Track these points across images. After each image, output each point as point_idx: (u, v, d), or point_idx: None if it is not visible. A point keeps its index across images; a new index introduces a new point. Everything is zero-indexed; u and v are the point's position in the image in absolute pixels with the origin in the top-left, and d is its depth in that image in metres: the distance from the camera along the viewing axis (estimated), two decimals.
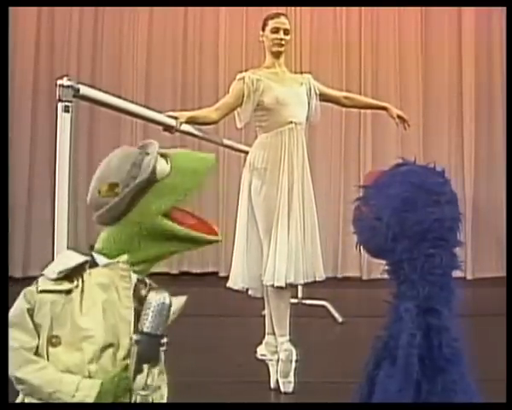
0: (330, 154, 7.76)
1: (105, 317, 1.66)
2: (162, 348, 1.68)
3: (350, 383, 1.92)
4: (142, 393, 1.64)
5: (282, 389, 3.43)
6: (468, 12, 7.72)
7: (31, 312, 1.66)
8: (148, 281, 1.77)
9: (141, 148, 1.84)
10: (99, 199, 1.75)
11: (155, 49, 7.74)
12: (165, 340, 1.67)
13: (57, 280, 1.68)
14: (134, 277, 1.73)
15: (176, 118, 3.27)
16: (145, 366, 1.64)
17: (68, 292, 1.67)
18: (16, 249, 7.06)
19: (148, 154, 1.79)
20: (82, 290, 1.68)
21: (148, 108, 3.41)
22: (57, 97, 2.40)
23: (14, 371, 1.62)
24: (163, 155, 1.80)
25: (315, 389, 3.44)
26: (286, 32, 3.66)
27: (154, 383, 1.69)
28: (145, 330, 1.64)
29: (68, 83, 2.41)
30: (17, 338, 1.64)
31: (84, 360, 1.62)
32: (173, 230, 1.75)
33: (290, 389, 3.42)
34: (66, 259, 1.74)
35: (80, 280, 1.69)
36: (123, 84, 7.62)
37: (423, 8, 7.76)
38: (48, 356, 1.64)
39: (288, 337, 3.51)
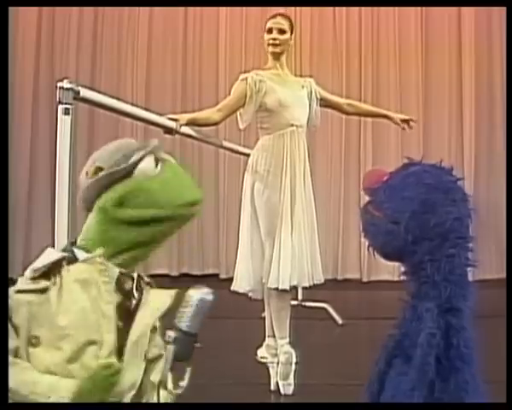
0: (331, 157, 7.75)
1: (86, 314, 1.59)
2: (197, 345, 1.63)
3: (350, 385, 1.93)
4: (174, 392, 1.62)
5: (281, 391, 3.43)
6: (468, 12, 7.72)
7: (9, 313, 1.59)
8: (135, 274, 1.70)
9: (143, 143, 1.79)
10: (85, 181, 1.71)
11: (155, 51, 7.73)
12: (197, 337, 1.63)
13: (34, 279, 1.62)
14: (116, 270, 1.65)
15: (176, 120, 3.27)
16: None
17: (44, 290, 1.60)
18: (16, 251, 7.05)
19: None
20: (60, 288, 1.61)
21: (148, 110, 3.41)
22: (57, 100, 2.40)
23: None
24: (157, 157, 1.73)
25: (315, 391, 3.44)
26: (281, 31, 3.62)
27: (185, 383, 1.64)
28: (184, 328, 1.60)
29: (68, 85, 2.40)
30: None
31: (64, 360, 1.56)
32: (135, 216, 1.63)
33: (290, 391, 3.42)
34: (45, 257, 1.67)
35: (58, 277, 1.62)
36: (123, 86, 7.62)
37: (423, 9, 7.75)
38: (28, 357, 1.58)
39: (287, 340, 3.51)
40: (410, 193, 1.79)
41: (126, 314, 1.65)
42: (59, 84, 2.41)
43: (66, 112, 2.39)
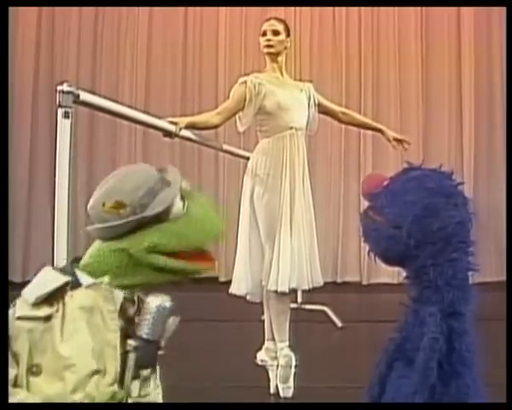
0: (330, 160, 7.76)
1: (90, 343, 1.56)
2: (160, 352, 1.63)
3: (350, 388, 1.93)
4: (138, 401, 1.60)
5: (281, 394, 3.43)
6: (468, 12, 7.73)
7: (9, 341, 1.55)
8: (136, 297, 1.68)
9: (160, 170, 1.75)
10: (101, 212, 1.66)
11: (155, 52, 7.74)
12: (162, 344, 1.63)
13: (35, 305, 1.57)
14: (120, 295, 1.63)
15: (175, 123, 3.26)
16: (142, 372, 1.60)
17: (48, 318, 1.56)
18: (16, 254, 7.05)
19: (167, 182, 1.70)
20: (63, 315, 1.57)
21: (147, 113, 3.41)
22: (57, 103, 2.40)
23: None
24: (182, 193, 1.72)
25: (314, 394, 3.43)
26: (275, 33, 3.63)
27: (152, 396, 1.64)
28: (144, 336, 1.60)
29: (68, 89, 2.40)
30: None
31: (67, 391, 1.52)
32: (164, 265, 1.66)
33: (290, 394, 3.41)
34: (46, 280, 1.62)
35: (61, 304, 1.58)
36: (122, 86, 7.64)
37: (423, 9, 7.76)
38: (28, 386, 1.54)
39: (287, 343, 3.51)
40: (411, 197, 1.79)
41: (127, 339, 1.63)
42: (58, 88, 2.40)
43: (66, 115, 2.39)
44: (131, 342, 1.60)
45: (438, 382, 1.73)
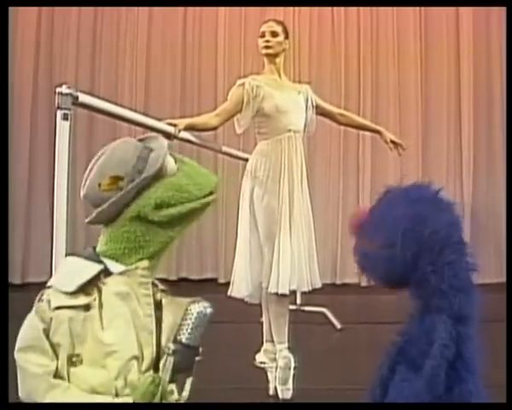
0: (329, 162, 7.76)
1: (128, 328, 1.57)
2: (197, 358, 1.64)
3: (349, 390, 1.93)
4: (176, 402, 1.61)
5: (280, 396, 3.43)
6: (466, 12, 7.74)
7: (47, 331, 1.55)
8: (157, 283, 1.70)
9: (142, 141, 1.77)
10: (99, 193, 1.65)
11: (154, 52, 7.75)
12: (200, 350, 1.64)
13: (72, 294, 1.57)
14: (150, 281, 1.65)
15: (174, 125, 3.27)
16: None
17: (87, 307, 1.56)
18: (15, 256, 7.05)
19: (151, 149, 1.72)
20: (100, 303, 1.58)
21: (146, 115, 3.41)
22: (56, 105, 2.40)
23: (41, 397, 1.51)
24: (170, 154, 1.75)
25: (313, 395, 3.43)
26: (273, 34, 3.64)
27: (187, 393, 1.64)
28: (184, 341, 1.61)
29: (67, 91, 2.41)
30: (37, 363, 1.53)
31: (111, 378, 1.53)
32: (176, 213, 1.66)
33: (289, 396, 3.41)
34: (78, 269, 1.62)
35: (97, 292, 1.59)
36: (122, 87, 7.65)
37: (422, 9, 7.77)
38: (69, 377, 1.54)
39: (286, 345, 3.51)
40: (397, 214, 1.80)
41: (158, 325, 1.64)
42: (57, 90, 2.41)
43: (65, 117, 2.39)
44: (171, 346, 1.61)
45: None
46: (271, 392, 3.51)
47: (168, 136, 3.27)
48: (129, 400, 1.52)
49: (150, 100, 7.59)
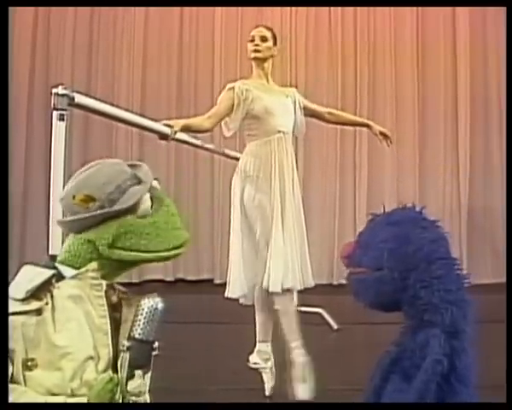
0: (326, 163, 7.74)
1: (82, 330, 1.60)
2: (154, 353, 1.65)
3: (346, 390, 1.93)
4: (135, 399, 1.62)
5: (299, 396, 3.34)
6: (463, 12, 7.74)
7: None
8: (116, 286, 1.73)
9: (133, 166, 1.79)
10: (71, 204, 1.70)
11: (151, 54, 7.74)
12: (156, 345, 1.65)
13: (24, 300, 1.60)
14: (103, 283, 1.68)
15: (171, 126, 3.27)
16: (138, 372, 1.62)
17: (39, 311, 1.59)
18: (12, 257, 7.03)
19: (138, 180, 1.74)
20: (53, 307, 1.60)
21: (143, 116, 3.41)
22: (52, 106, 2.40)
23: None
24: (152, 193, 1.76)
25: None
26: (263, 38, 3.66)
27: (146, 395, 1.65)
28: (137, 336, 1.61)
29: (63, 91, 2.41)
30: None
31: (65, 379, 1.56)
32: (125, 259, 1.69)
33: (310, 394, 3.33)
34: (30, 275, 1.66)
35: (49, 296, 1.62)
36: (118, 87, 7.65)
37: (419, 9, 7.77)
38: (25, 381, 1.56)
39: (300, 341, 3.49)
40: (381, 237, 1.84)
41: (115, 326, 1.67)
42: (53, 91, 2.41)
43: (61, 118, 2.39)
44: (125, 343, 1.62)
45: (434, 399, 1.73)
46: (268, 393, 3.51)
47: (165, 137, 3.28)
48: (84, 399, 1.55)
49: (147, 100, 7.58)
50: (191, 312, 5.28)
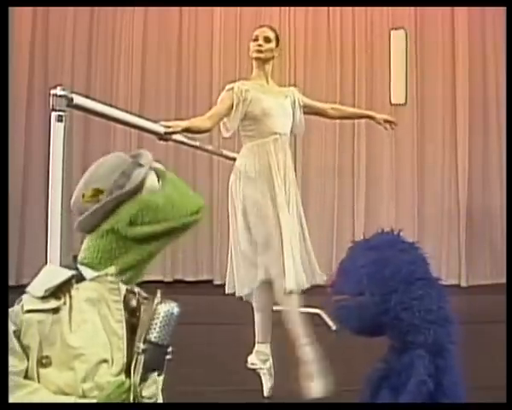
0: (324, 165, 7.76)
1: (97, 333, 1.63)
2: (167, 357, 1.68)
3: (344, 391, 1.93)
4: (148, 401, 1.64)
5: (313, 394, 3.29)
6: (461, 12, 7.76)
7: (17, 333, 1.60)
8: (136, 290, 1.75)
9: (133, 157, 1.83)
10: (82, 204, 1.73)
11: (150, 54, 7.76)
12: (170, 349, 1.68)
13: (43, 298, 1.63)
14: (123, 288, 1.70)
15: (170, 127, 3.27)
16: (153, 377, 1.65)
17: (56, 310, 1.62)
18: (10, 258, 7.03)
19: (140, 165, 1.77)
20: (70, 307, 1.63)
21: (141, 116, 3.41)
22: (51, 107, 2.40)
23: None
24: (156, 171, 1.79)
25: None
26: (266, 39, 3.67)
27: (158, 398, 1.68)
28: (153, 339, 1.64)
29: (62, 92, 2.40)
30: None
31: (77, 380, 1.58)
32: (147, 233, 1.71)
33: (324, 390, 3.27)
34: (51, 275, 1.69)
35: (68, 297, 1.65)
36: (117, 87, 7.67)
37: (417, 9, 7.79)
38: (39, 378, 1.59)
39: (307, 339, 3.46)
40: (361, 262, 1.85)
41: (132, 331, 1.68)
42: (52, 91, 2.41)
43: (60, 119, 2.39)
44: (140, 345, 1.65)
45: None
46: (266, 394, 3.51)
47: (164, 138, 3.28)
48: (93, 400, 1.57)
49: (145, 101, 7.59)
50: (190, 313, 5.27)
